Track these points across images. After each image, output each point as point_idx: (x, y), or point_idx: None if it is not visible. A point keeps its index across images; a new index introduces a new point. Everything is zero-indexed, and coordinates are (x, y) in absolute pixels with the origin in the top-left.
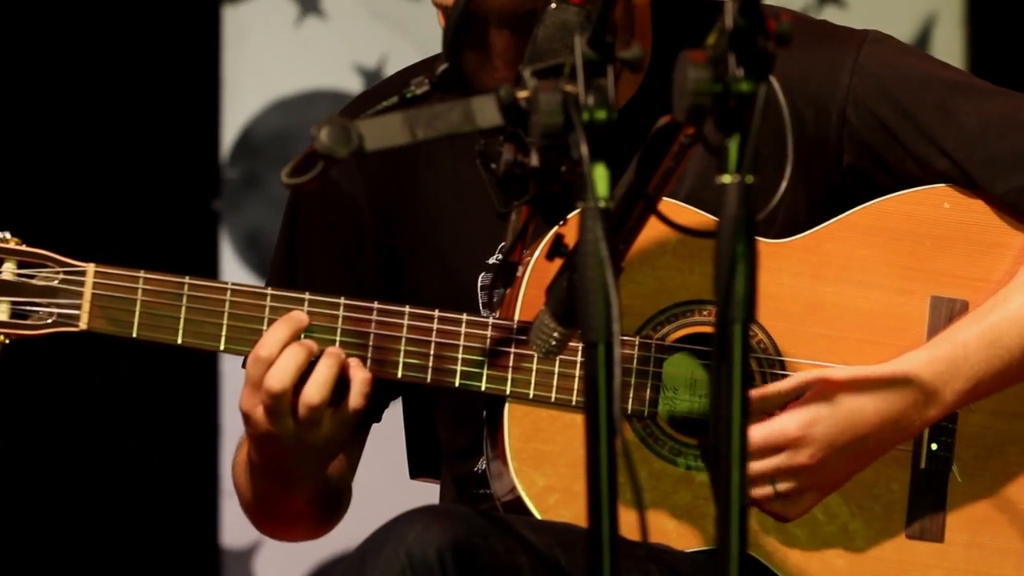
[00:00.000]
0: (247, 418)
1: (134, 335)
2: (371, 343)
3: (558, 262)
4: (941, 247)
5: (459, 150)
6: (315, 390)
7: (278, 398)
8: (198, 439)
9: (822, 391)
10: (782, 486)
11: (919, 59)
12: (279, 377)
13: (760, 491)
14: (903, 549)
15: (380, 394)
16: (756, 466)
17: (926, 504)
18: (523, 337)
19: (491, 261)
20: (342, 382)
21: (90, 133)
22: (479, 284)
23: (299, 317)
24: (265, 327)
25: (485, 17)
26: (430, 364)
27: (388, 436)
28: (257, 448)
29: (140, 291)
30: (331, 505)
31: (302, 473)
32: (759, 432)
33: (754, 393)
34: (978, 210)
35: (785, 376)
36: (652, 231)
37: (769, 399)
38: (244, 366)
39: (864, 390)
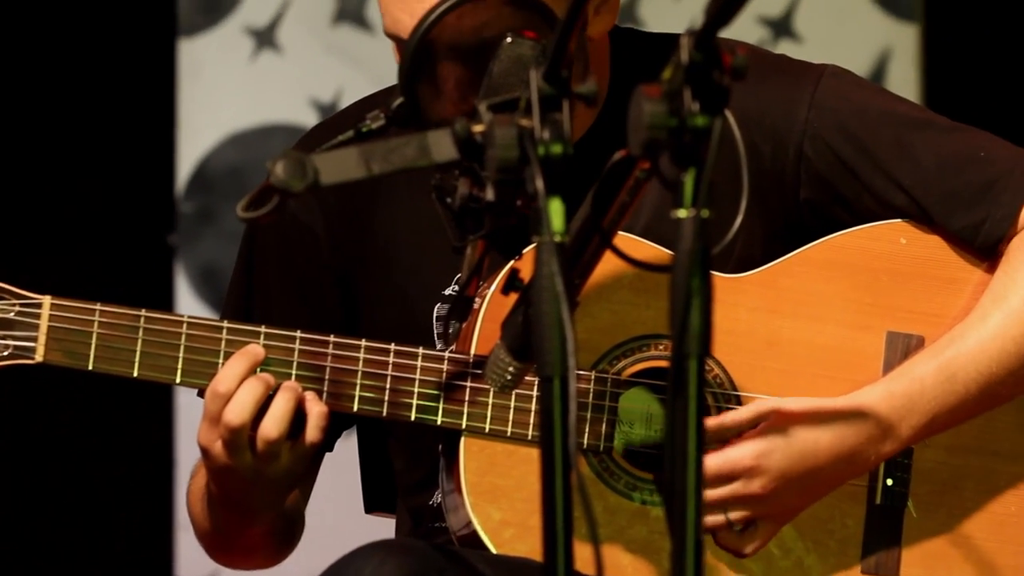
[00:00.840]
0: (205, 452)
1: (90, 368)
2: (327, 376)
3: (514, 296)
4: (897, 282)
5: (416, 182)
6: (273, 425)
7: (237, 432)
8: (153, 472)
9: (777, 422)
10: (734, 514)
11: (876, 94)
12: (237, 412)
13: (712, 519)
14: None
15: (333, 424)
16: (709, 494)
17: (881, 539)
18: (479, 371)
19: (447, 292)
20: (299, 415)
21: (46, 166)
22: (435, 315)
23: (256, 351)
24: (221, 360)
25: (440, 51)
26: (386, 398)
27: (343, 470)
28: (216, 480)
29: (96, 324)
30: (287, 534)
31: (260, 505)
32: (713, 461)
33: (710, 422)
34: (935, 246)
35: None
36: (608, 265)
37: (725, 428)
38: (200, 395)
39: (819, 422)
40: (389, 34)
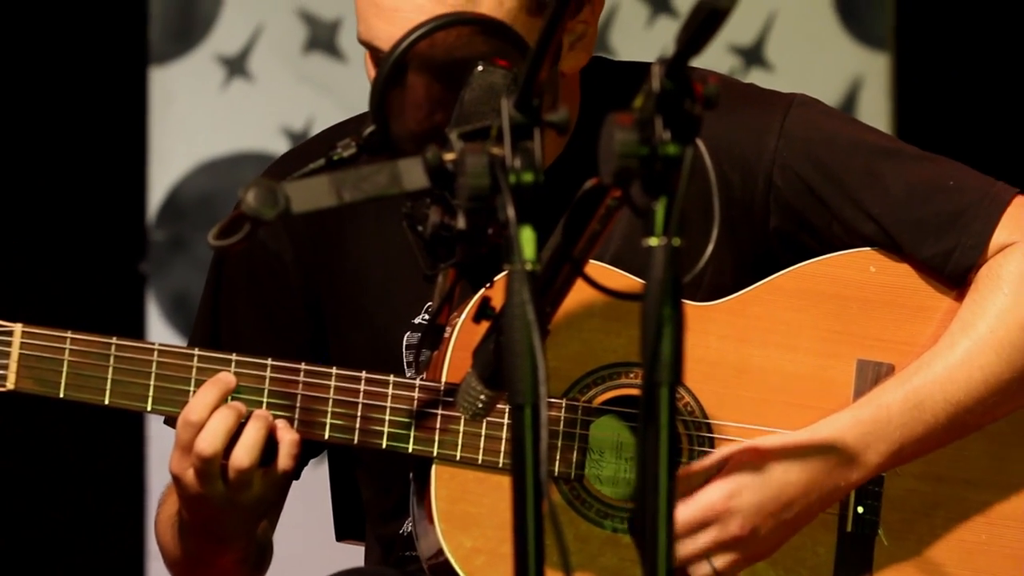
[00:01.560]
0: (177, 480)
1: (61, 395)
2: (298, 404)
3: (485, 324)
4: (867, 311)
5: (386, 211)
6: (244, 453)
7: (209, 461)
8: (124, 500)
9: (745, 460)
10: (719, 561)
11: (846, 123)
12: (209, 441)
13: (699, 572)
14: None
15: (302, 452)
16: (690, 546)
17: (852, 567)
18: (450, 399)
19: (417, 321)
20: (271, 443)
21: (17, 193)
22: (404, 344)
23: (227, 379)
24: (192, 388)
25: (412, 78)
26: (357, 425)
27: (314, 498)
28: (188, 508)
29: (67, 351)
30: (257, 562)
31: (232, 532)
32: (686, 511)
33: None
34: (904, 274)
35: (712, 439)
36: (579, 294)
37: (693, 477)
38: (167, 423)
39: (787, 455)
40: (363, 41)
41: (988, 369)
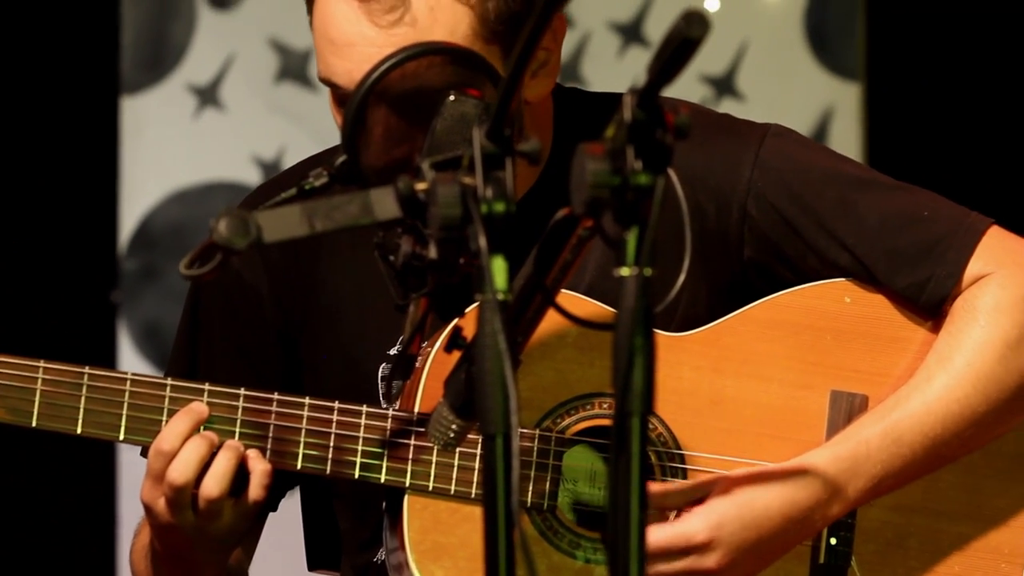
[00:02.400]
0: (149, 509)
1: (33, 424)
2: (271, 434)
3: (457, 354)
4: (841, 341)
5: (360, 241)
6: (214, 483)
7: (180, 491)
8: (95, 530)
9: (727, 491)
10: None
11: (820, 153)
12: (181, 471)
13: None
14: None
15: (278, 483)
16: (662, 568)
17: None
18: (422, 429)
19: (392, 352)
20: (242, 473)
21: None
22: (379, 375)
23: (199, 409)
24: (165, 417)
25: (383, 108)
26: (329, 456)
27: (287, 527)
28: (159, 537)
29: (40, 380)
30: None
31: (203, 562)
32: (665, 533)
33: (655, 488)
34: (879, 305)
35: (685, 469)
36: (551, 323)
37: (670, 496)
38: (143, 454)
39: (767, 488)
40: (322, 79)
41: (965, 402)
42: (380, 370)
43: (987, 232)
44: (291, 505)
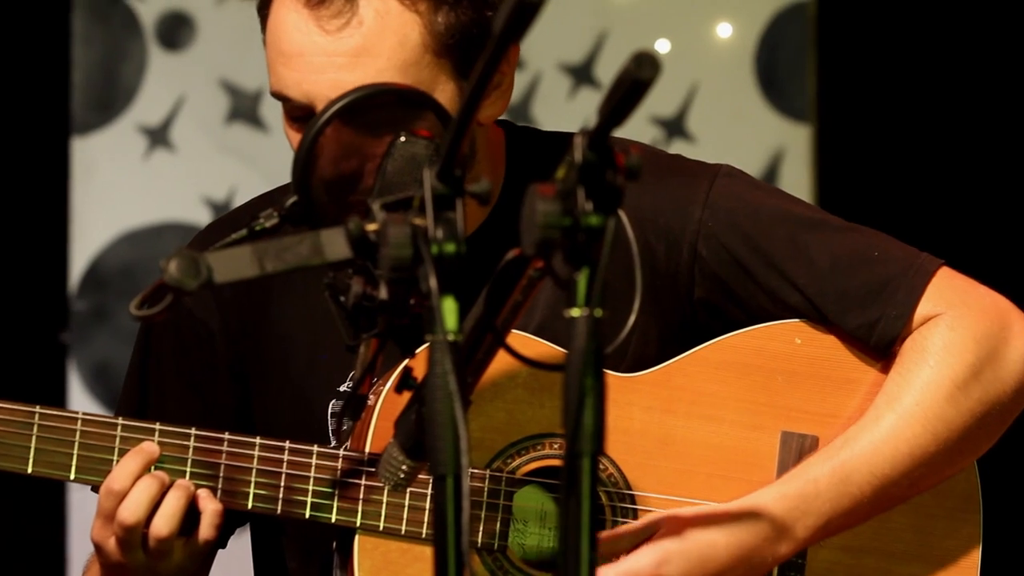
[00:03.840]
0: (99, 548)
1: None
2: (222, 474)
3: (407, 395)
4: (792, 382)
5: (312, 279)
6: (164, 523)
7: (130, 530)
8: (45, 569)
9: (673, 528)
10: None
11: (771, 194)
12: (132, 510)
13: None
14: None
15: (228, 521)
16: None
17: None
18: (373, 469)
19: (342, 389)
20: (193, 513)
21: None
22: (330, 412)
23: (150, 448)
24: (116, 457)
25: (333, 150)
26: (280, 495)
27: (237, 566)
28: None
29: None
30: None
31: None
32: (611, 573)
33: (604, 535)
34: (829, 345)
35: (635, 510)
36: (502, 364)
37: (619, 540)
38: (95, 491)
39: (714, 526)
40: (274, 93)
41: (914, 442)
42: (330, 406)
43: (937, 273)
44: (242, 544)
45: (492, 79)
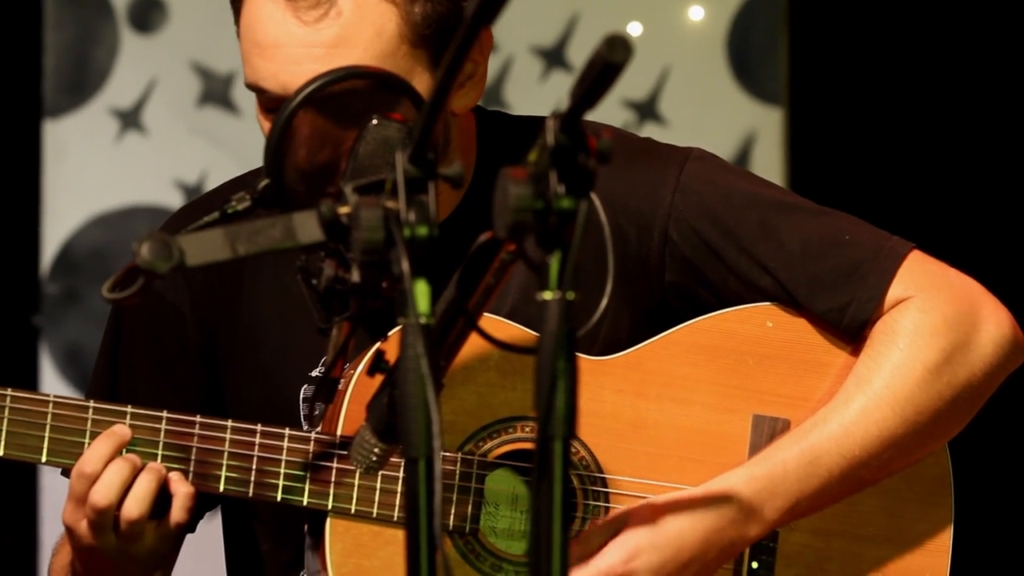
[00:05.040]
0: (71, 531)
1: None
2: (193, 457)
3: (379, 378)
4: (764, 366)
5: (284, 262)
6: (134, 505)
7: (102, 513)
8: (17, 552)
9: (642, 519)
10: None
11: (742, 177)
12: (104, 493)
13: None
14: None
15: (198, 505)
16: None
17: None
18: (345, 452)
19: (314, 373)
20: (164, 496)
21: None
22: (301, 396)
23: (122, 431)
24: (87, 440)
25: (305, 133)
26: (252, 478)
27: (208, 550)
28: (81, 559)
29: None
30: None
31: None
32: (584, 574)
33: (574, 540)
34: (801, 329)
35: (607, 493)
36: (474, 347)
37: (589, 540)
38: (64, 474)
39: (684, 512)
40: (249, 84)
41: (883, 424)
42: (302, 391)
43: (908, 256)
44: (213, 528)
45: (465, 63)
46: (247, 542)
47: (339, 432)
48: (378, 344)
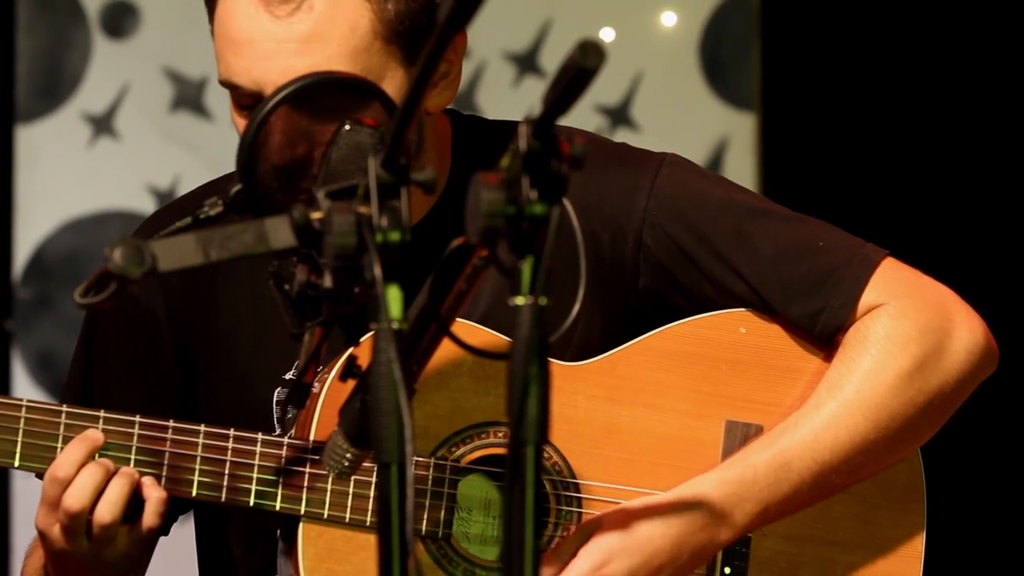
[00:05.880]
0: (43, 536)
1: None
2: (166, 461)
3: (352, 383)
4: (737, 371)
5: (257, 266)
6: (107, 509)
7: (75, 517)
8: None
9: (612, 525)
10: None
11: (716, 183)
12: (76, 497)
13: None
14: None
15: (171, 509)
16: None
17: None
18: (318, 457)
19: (287, 377)
20: (137, 500)
21: None
22: (275, 399)
23: (94, 436)
24: (60, 444)
25: (278, 138)
26: (225, 483)
27: (180, 554)
28: (54, 563)
29: None
30: None
31: None
32: None
33: (545, 554)
34: (774, 335)
35: (580, 498)
36: (447, 352)
37: (561, 552)
38: (39, 478)
39: (655, 517)
40: (223, 81)
41: (854, 430)
42: (275, 394)
43: (881, 263)
44: (185, 532)
45: (438, 67)
46: (220, 547)
47: (312, 437)
48: (350, 349)
